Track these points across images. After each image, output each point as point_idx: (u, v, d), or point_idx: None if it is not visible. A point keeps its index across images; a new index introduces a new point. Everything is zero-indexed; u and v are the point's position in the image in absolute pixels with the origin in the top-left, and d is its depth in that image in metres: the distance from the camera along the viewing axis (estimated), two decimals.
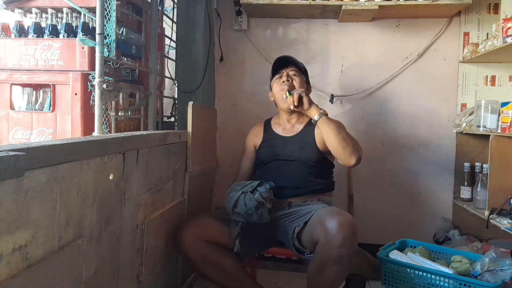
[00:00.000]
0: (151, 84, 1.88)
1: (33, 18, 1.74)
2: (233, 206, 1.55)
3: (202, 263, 1.56)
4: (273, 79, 1.84)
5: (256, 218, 1.52)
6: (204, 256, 1.55)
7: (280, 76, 1.79)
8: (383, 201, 2.48)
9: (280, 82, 1.77)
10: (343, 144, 1.60)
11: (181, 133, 1.73)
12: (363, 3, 2.17)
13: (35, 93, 1.71)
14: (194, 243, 1.53)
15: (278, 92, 1.78)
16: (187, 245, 1.54)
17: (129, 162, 1.25)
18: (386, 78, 2.45)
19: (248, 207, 1.51)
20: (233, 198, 1.56)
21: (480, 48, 2.16)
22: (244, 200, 1.53)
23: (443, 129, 2.43)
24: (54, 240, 0.89)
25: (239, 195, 1.55)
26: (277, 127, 1.89)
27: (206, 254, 1.55)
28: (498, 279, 1.55)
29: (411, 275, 1.69)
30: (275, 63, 1.83)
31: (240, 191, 1.57)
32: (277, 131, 1.88)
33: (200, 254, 1.54)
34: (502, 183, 1.86)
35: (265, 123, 1.95)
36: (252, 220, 1.53)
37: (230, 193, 1.60)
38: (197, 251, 1.54)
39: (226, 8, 2.51)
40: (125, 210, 1.24)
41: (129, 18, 1.79)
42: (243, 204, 1.53)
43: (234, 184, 1.66)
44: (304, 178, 1.72)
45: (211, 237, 1.57)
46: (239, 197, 1.55)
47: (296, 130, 1.83)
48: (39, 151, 0.82)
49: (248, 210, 1.51)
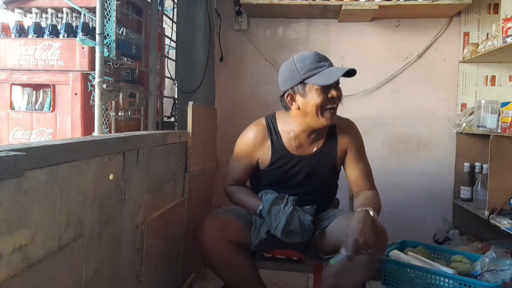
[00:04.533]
0: (151, 84, 1.88)
1: (33, 18, 1.74)
2: (286, 223, 1.36)
3: (221, 263, 1.46)
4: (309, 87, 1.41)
5: (306, 236, 1.39)
6: (225, 257, 1.44)
7: (332, 89, 1.41)
8: (383, 201, 2.45)
9: (326, 94, 1.40)
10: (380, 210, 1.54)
11: (181, 133, 1.73)
12: (363, 3, 2.17)
13: (35, 93, 1.71)
14: (217, 242, 1.42)
15: (314, 105, 1.40)
16: (210, 244, 1.42)
17: (129, 162, 1.24)
18: (386, 78, 2.45)
19: (305, 224, 1.37)
20: (284, 212, 1.38)
21: (480, 48, 2.16)
22: (298, 217, 1.37)
23: (443, 129, 2.43)
24: (54, 240, 0.89)
25: (291, 210, 1.38)
26: (289, 141, 1.52)
27: (226, 255, 1.44)
28: (498, 279, 1.55)
29: (411, 275, 1.69)
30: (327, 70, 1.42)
31: (289, 205, 1.39)
32: (290, 147, 1.53)
33: (221, 254, 1.43)
34: (502, 183, 1.86)
35: (269, 128, 1.56)
36: (303, 239, 1.39)
37: (272, 206, 1.41)
38: (218, 250, 1.43)
39: (226, 8, 2.51)
40: (125, 210, 1.24)
41: (129, 18, 1.79)
42: (298, 223, 1.37)
43: (264, 193, 1.50)
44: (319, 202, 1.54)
45: (235, 237, 1.45)
46: (291, 212, 1.38)
47: (315, 147, 1.53)
48: (39, 151, 0.82)
49: (304, 228, 1.37)
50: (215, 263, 1.46)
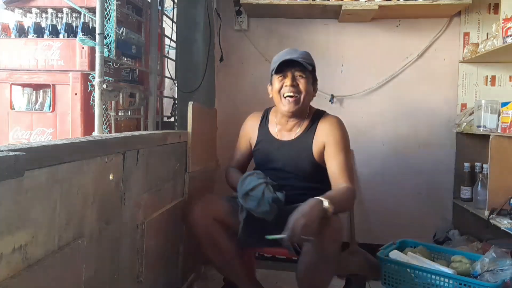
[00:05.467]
0: (151, 84, 1.88)
1: (33, 18, 1.74)
2: (250, 189, 1.46)
3: (206, 240, 1.53)
4: (274, 76, 1.64)
5: (266, 210, 1.44)
6: (209, 233, 1.52)
7: (284, 76, 1.61)
8: (383, 201, 2.48)
9: (283, 82, 1.61)
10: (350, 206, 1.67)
11: (181, 133, 1.73)
12: (363, 3, 2.17)
13: (35, 93, 1.71)
14: (202, 217, 1.51)
15: (277, 93, 1.63)
16: (195, 219, 1.51)
17: (129, 162, 1.24)
18: (386, 78, 2.45)
19: (266, 197, 1.43)
20: (253, 182, 1.48)
21: (480, 48, 2.16)
22: (264, 189, 1.45)
23: (443, 129, 2.43)
24: (54, 240, 0.89)
25: (262, 182, 1.47)
26: (274, 125, 1.73)
27: (211, 231, 1.52)
28: (498, 279, 1.55)
29: (411, 275, 1.69)
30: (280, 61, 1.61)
31: (263, 180, 1.48)
32: (273, 131, 1.72)
33: (206, 230, 1.51)
34: (502, 183, 1.86)
35: (264, 114, 1.79)
36: (260, 210, 1.45)
37: (248, 177, 1.52)
38: (204, 225, 1.51)
39: (226, 8, 2.51)
40: (125, 210, 1.24)
41: (129, 18, 1.79)
42: (261, 192, 1.44)
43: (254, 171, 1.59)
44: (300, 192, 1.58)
45: (220, 216, 1.54)
46: (260, 184, 1.46)
47: (294, 134, 1.68)
48: (39, 151, 0.82)
49: (263, 200, 1.44)
50: (201, 239, 1.54)
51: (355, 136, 2.31)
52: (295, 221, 1.28)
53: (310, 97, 1.64)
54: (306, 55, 1.64)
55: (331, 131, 1.62)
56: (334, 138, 1.60)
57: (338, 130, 1.63)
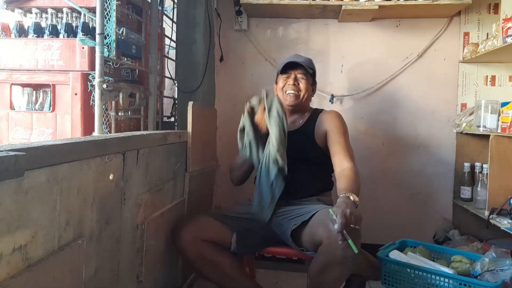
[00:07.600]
0: (151, 84, 1.88)
1: (33, 18, 1.74)
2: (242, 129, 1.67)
3: (200, 262, 1.57)
4: (279, 76, 1.87)
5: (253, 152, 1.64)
6: (202, 255, 1.56)
7: (288, 76, 1.82)
8: (383, 201, 2.48)
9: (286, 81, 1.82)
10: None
11: (181, 133, 1.73)
12: (363, 3, 2.17)
13: (35, 93, 1.71)
14: (192, 242, 1.55)
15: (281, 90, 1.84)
16: (185, 244, 1.55)
17: (129, 162, 1.25)
18: (386, 78, 2.45)
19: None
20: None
21: (480, 48, 2.16)
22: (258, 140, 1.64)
23: (443, 129, 2.43)
24: (54, 240, 0.89)
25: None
26: None
27: (204, 253, 1.56)
28: (498, 279, 1.55)
29: (411, 275, 1.69)
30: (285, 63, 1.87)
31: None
32: None
33: (198, 254, 1.55)
34: (502, 183, 1.86)
35: None
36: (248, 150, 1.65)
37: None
38: (194, 250, 1.55)
39: (226, 8, 2.51)
40: (125, 210, 1.24)
41: (129, 18, 1.79)
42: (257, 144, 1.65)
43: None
44: (302, 181, 1.72)
45: (209, 237, 1.58)
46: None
47: (297, 124, 1.84)
48: (39, 151, 0.82)
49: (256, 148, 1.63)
50: (196, 264, 1.58)
51: (355, 136, 2.31)
52: (343, 210, 1.28)
53: (309, 95, 1.84)
54: (308, 61, 1.87)
55: (332, 120, 1.77)
56: (335, 125, 1.75)
57: (338, 118, 1.79)
